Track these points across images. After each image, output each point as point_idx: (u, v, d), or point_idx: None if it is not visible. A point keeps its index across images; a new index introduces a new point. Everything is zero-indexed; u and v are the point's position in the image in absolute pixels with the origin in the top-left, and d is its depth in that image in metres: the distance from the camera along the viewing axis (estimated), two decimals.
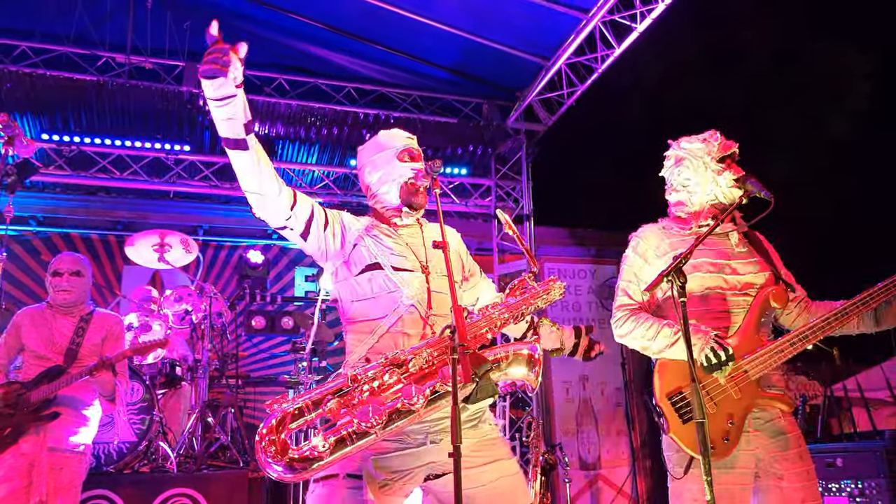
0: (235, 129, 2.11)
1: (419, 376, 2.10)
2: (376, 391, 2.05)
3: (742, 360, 2.49)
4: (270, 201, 2.24)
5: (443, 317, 2.35)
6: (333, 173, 8.26)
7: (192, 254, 6.72)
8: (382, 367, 2.08)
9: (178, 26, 6.94)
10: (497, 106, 8.15)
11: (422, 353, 2.12)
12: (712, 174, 2.70)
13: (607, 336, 2.84)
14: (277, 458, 1.93)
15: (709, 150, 2.74)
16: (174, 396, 6.07)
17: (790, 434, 2.51)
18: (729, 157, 2.73)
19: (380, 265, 2.37)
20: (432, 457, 2.21)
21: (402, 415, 2.02)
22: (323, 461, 1.96)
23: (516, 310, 2.33)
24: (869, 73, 12.55)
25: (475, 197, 8.70)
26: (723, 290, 2.61)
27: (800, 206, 10.24)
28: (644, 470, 8.50)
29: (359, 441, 1.99)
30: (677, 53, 12.08)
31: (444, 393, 2.06)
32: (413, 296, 2.34)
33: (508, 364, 2.15)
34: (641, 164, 12.34)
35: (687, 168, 2.77)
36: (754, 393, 2.49)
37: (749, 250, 2.72)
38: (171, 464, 5.04)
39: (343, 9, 6.89)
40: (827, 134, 12.68)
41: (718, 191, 2.70)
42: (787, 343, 2.51)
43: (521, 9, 6.54)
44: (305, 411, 2.00)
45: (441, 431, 2.23)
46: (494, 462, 2.27)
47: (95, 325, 4.18)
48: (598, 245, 9.34)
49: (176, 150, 7.61)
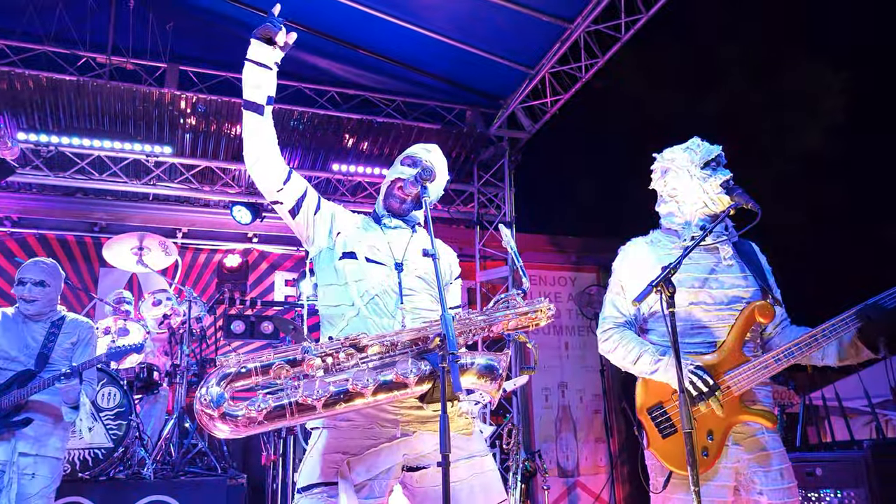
0: (259, 96, 2.38)
1: (378, 364, 2.09)
2: (329, 368, 2.05)
3: (725, 377, 2.48)
4: (266, 165, 2.40)
5: (412, 313, 2.36)
6: (316, 178, 8.22)
7: (170, 257, 6.65)
8: (340, 345, 2.08)
9: (160, 27, 6.87)
10: (481, 113, 8.18)
11: (385, 341, 2.11)
12: (698, 182, 2.68)
13: (586, 343, 2.85)
14: (211, 408, 1.95)
15: (692, 157, 2.73)
16: (152, 401, 5.99)
17: (773, 451, 2.49)
18: (713, 161, 2.71)
19: (355, 254, 2.44)
20: (406, 449, 2.22)
21: (349, 396, 2.01)
22: (255, 423, 1.97)
23: (496, 325, 2.27)
24: (842, 87, 12.79)
25: (458, 203, 8.71)
26: (707, 304, 2.59)
27: (776, 216, 10.36)
28: (622, 477, 8.53)
29: (299, 414, 1.99)
30: (659, 64, 12.22)
31: (396, 384, 2.04)
32: (379, 287, 2.36)
33: (470, 373, 2.12)
34: (623, 174, 12.39)
35: (673, 178, 2.76)
36: (737, 409, 2.47)
37: (738, 264, 2.69)
38: (147, 470, 4.97)
39: (327, 13, 6.86)
40: (802, 145, 12.89)
41: (706, 198, 2.67)
42: (773, 359, 2.48)
43: (506, 17, 6.57)
44: (252, 373, 2.02)
45: (413, 422, 2.24)
46: (469, 458, 2.26)
47: (67, 330, 4.11)
48: (577, 252, 9.40)
49: (156, 152, 7.52)
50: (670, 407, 2.53)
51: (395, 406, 2.22)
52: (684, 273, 2.57)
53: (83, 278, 7.77)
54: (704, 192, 2.67)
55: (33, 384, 3.82)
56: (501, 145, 8.28)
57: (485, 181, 8.57)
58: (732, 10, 12.80)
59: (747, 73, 13.39)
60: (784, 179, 11.92)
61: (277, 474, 5.68)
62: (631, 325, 2.73)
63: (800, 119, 12.91)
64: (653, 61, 12.25)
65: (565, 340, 8.78)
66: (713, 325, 2.58)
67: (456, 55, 7.22)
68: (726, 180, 2.64)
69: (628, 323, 2.73)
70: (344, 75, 7.78)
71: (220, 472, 5.39)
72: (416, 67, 7.66)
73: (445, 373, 1.93)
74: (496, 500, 2.26)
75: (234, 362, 2.02)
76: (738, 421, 2.47)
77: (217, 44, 7.34)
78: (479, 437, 2.39)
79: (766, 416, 2.47)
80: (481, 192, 8.60)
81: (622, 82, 12.08)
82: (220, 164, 7.86)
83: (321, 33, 7.25)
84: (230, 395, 2.00)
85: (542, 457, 7.01)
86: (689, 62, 12.89)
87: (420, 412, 2.24)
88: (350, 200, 8.30)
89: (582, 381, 8.75)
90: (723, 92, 12.95)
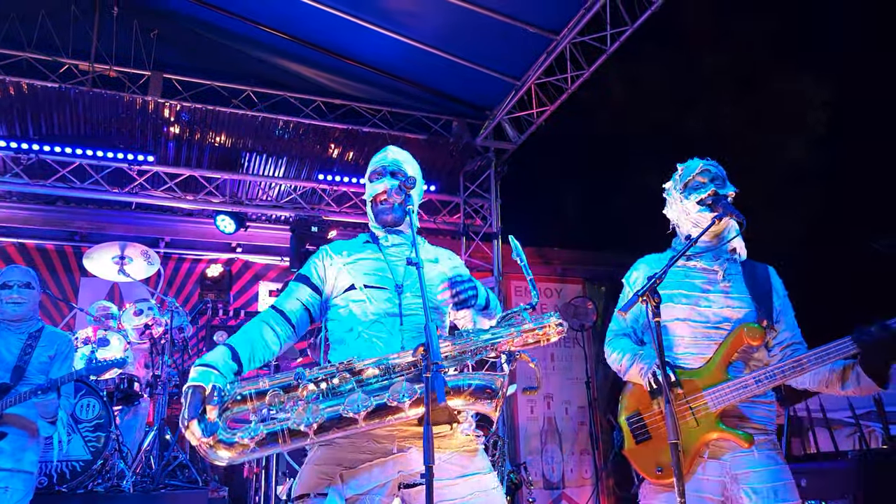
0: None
1: (373, 388, 2.08)
2: (325, 393, 2.05)
3: (703, 392, 2.48)
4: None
5: (418, 336, 2.31)
6: (301, 187, 8.17)
7: (153, 266, 6.58)
8: (335, 369, 2.07)
9: (144, 35, 6.83)
10: (467, 124, 8.18)
11: (381, 364, 2.11)
12: (680, 205, 2.74)
13: (572, 354, 2.89)
14: (205, 437, 1.97)
15: (675, 183, 2.80)
16: (132, 413, 5.90)
17: (763, 469, 2.44)
18: (694, 181, 2.72)
19: (353, 286, 2.43)
20: (401, 466, 2.19)
21: (341, 422, 2.00)
22: (248, 451, 1.98)
23: (501, 343, 2.20)
24: (826, 100, 12.93)
25: (444, 214, 8.70)
26: (694, 322, 2.60)
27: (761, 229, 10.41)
28: (607, 489, 8.50)
29: (291, 440, 2.00)
30: (646, 77, 12.31)
31: (390, 408, 2.02)
32: (377, 311, 2.35)
33: (466, 394, 2.07)
34: (609, 185, 12.44)
35: (668, 207, 2.86)
36: (712, 426, 2.46)
37: (738, 285, 2.67)
38: (127, 483, 4.88)
39: (313, 22, 6.86)
40: (787, 157, 13.01)
41: (690, 218, 2.71)
42: (752, 380, 2.46)
43: (493, 28, 6.58)
44: (248, 399, 2.03)
45: (409, 438, 2.21)
46: (470, 476, 2.22)
47: (44, 343, 4.05)
48: (563, 264, 9.41)
49: (139, 160, 7.45)
50: (647, 415, 2.59)
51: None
52: (678, 290, 2.64)
53: (63, 288, 7.67)
54: (686, 214, 2.72)
55: (8, 398, 3.76)
56: (488, 156, 8.29)
57: (471, 192, 8.56)
58: (719, 23, 12.93)
59: (734, 85, 13.51)
60: (773, 191, 12.02)
61: (260, 487, 5.60)
62: (631, 336, 2.78)
63: (787, 131, 13.04)
64: (639, 73, 12.33)
65: (551, 352, 8.76)
66: (699, 342, 2.59)
67: (442, 66, 7.23)
68: (702, 198, 2.65)
69: (627, 335, 2.78)
70: (330, 85, 7.76)
71: (202, 485, 5.31)
72: (403, 77, 7.66)
73: (427, 382, 1.89)
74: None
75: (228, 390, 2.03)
76: (711, 438, 2.46)
77: (202, 52, 7.30)
78: (483, 455, 2.35)
79: (740, 436, 2.42)
80: (467, 203, 8.59)
81: (609, 94, 12.15)
82: (203, 172, 7.80)
83: (307, 43, 7.23)
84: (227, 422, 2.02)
85: (527, 469, 6.97)
86: (675, 74, 12.99)
87: (416, 428, 2.20)
88: (335, 210, 8.26)
89: (568, 392, 8.74)
90: (709, 104, 13.05)
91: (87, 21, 6.68)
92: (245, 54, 7.42)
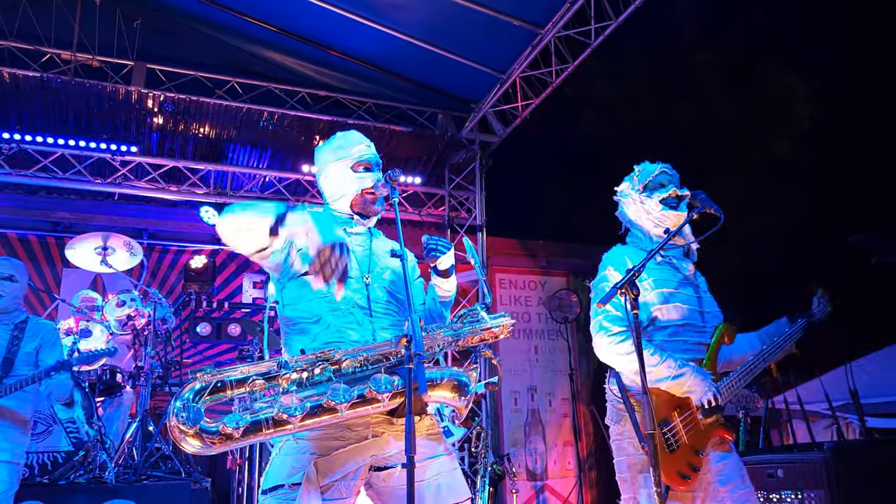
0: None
1: (351, 378, 2.11)
2: (304, 382, 2.07)
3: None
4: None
5: (389, 328, 2.37)
6: (285, 179, 8.15)
7: (136, 257, 6.54)
8: (315, 359, 2.10)
9: (127, 24, 6.77)
10: (452, 116, 8.18)
11: (358, 355, 2.14)
12: (640, 205, 2.79)
13: (555, 346, 2.91)
14: (188, 425, 1.93)
15: (632, 184, 2.84)
16: (115, 404, 5.88)
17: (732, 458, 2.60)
18: (655, 182, 2.78)
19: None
20: (374, 450, 2.24)
21: (323, 411, 2.03)
22: (233, 440, 1.97)
23: (462, 340, 2.32)
24: (812, 95, 13.03)
25: (429, 206, 8.70)
26: (662, 318, 2.68)
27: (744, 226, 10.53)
28: (590, 481, 8.57)
29: (275, 429, 2.00)
30: (629, 71, 12.35)
31: (369, 399, 2.07)
32: (349, 300, 2.35)
33: (440, 387, 2.17)
34: (593, 178, 12.47)
35: (626, 208, 2.89)
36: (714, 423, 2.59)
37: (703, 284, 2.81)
38: (109, 474, 4.87)
39: (298, 14, 6.83)
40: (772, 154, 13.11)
41: (652, 217, 2.76)
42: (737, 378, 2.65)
43: (478, 21, 6.58)
44: (228, 387, 2.01)
45: (382, 423, 2.26)
46: (435, 458, 2.30)
47: (30, 333, 4.05)
48: (547, 257, 9.45)
49: (122, 150, 7.39)
50: (679, 422, 2.56)
51: None
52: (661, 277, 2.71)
53: (45, 279, 7.60)
54: (648, 213, 2.77)
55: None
56: (472, 149, 8.30)
57: (456, 184, 8.58)
58: (703, 18, 12.99)
59: (719, 80, 13.58)
60: (754, 187, 12.11)
61: (243, 478, 5.61)
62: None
63: (771, 127, 13.15)
64: (623, 68, 12.38)
65: (535, 344, 8.81)
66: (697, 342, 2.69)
67: (428, 58, 7.22)
68: (664, 197, 2.72)
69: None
70: (315, 76, 7.74)
71: (184, 476, 5.30)
72: (388, 70, 7.65)
73: (410, 373, 1.93)
74: (462, 497, 2.29)
75: (209, 376, 2.01)
76: (713, 435, 2.57)
77: (185, 42, 7.26)
78: (444, 437, 2.42)
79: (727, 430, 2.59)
80: (452, 196, 8.61)
81: (593, 88, 12.19)
82: (187, 163, 7.76)
83: (292, 34, 7.21)
84: (203, 407, 2.00)
85: (510, 460, 7.03)
86: (659, 69, 13.04)
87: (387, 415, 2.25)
88: (320, 203, 8.21)
89: (551, 384, 8.79)
90: (693, 99, 13.12)
91: (70, 10, 6.62)
92: (230, 45, 7.38)
